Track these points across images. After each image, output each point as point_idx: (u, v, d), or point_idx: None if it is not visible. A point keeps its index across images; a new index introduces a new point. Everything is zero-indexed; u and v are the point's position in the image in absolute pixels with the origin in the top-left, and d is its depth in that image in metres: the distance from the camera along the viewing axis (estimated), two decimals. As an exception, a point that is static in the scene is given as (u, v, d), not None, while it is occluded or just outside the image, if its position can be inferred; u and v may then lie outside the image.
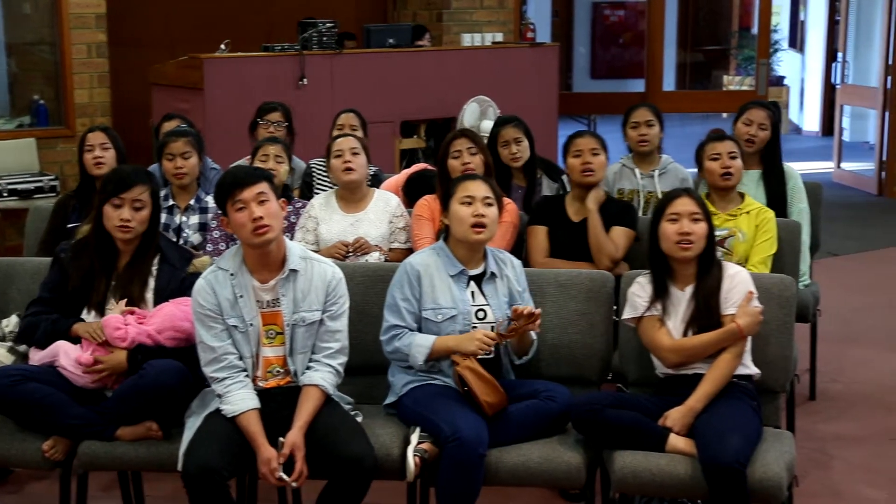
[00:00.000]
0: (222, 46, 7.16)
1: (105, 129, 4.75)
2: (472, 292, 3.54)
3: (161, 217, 3.98)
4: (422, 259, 3.57)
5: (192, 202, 4.54)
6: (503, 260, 3.63)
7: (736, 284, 3.44)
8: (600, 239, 4.21)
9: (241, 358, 3.31)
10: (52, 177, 7.27)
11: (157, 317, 3.46)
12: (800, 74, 15.50)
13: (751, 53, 14.47)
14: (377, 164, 5.28)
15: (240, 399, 3.24)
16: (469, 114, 7.08)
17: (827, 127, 13.89)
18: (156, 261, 3.58)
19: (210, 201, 4.47)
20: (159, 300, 3.52)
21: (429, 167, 5.22)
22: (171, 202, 4.53)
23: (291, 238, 4.29)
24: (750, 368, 3.44)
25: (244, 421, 3.21)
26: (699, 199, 3.52)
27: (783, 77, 15.56)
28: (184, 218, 4.50)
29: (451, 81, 7.76)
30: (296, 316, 3.33)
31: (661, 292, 3.48)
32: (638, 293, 3.51)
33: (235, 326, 3.30)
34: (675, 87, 15.32)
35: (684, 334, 3.43)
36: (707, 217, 3.49)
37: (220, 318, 3.29)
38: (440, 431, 3.24)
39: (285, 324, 3.33)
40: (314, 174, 5.15)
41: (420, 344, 3.44)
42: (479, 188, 3.56)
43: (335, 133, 5.17)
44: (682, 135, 11.15)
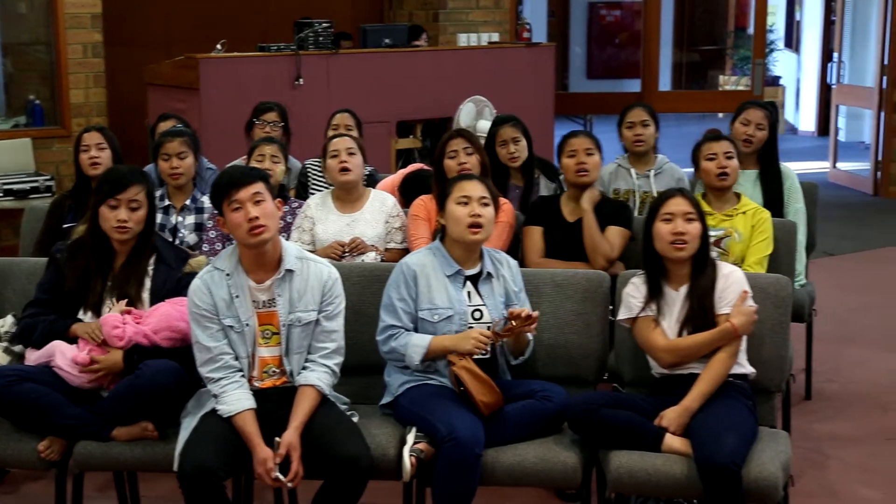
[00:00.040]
0: (218, 46, 7.15)
1: (101, 130, 4.75)
2: (469, 292, 3.54)
3: (157, 217, 3.99)
4: (418, 259, 3.56)
5: (188, 202, 4.53)
6: (499, 260, 3.63)
7: (730, 284, 3.44)
8: (595, 239, 4.21)
9: (237, 358, 3.31)
10: (48, 177, 7.26)
11: (154, 317, 3.46)
12: (795, 74, 15.52)
13: (747, 53, 14.49)
14: (373, 164, 5.28)
15: (236, 399, 3.24)
16: (465, 114, 7.09)
17: (823, 127, 13.91)
18: (152, 261, 3.58)
19: (206, 201, 4.46)
20: (155, 300, 3.52)
21: (425, 167, 5.22)
22: (167, 202, 4.52)
23: (288, 238, 4.29)
24: (745, 367, 3.44)
25: (240, 421, 3.21)
26: (693, 199, 3.52)
27: (779, 77, 15.58)
28: (180, 218, 4.50)
29: (448, 81, 7.76)
30: (292, 316, 3.33)
31: (656, 293, 3.48)
32: (632, 294, 3.51)
33: (231, 326, 3.30)
34: (671, 87, 15.33)
35: (679, 334, 3.43)
36: (701, 217, 3.49)
37: (216, 319, 3.29)
38: (436, 431, 3.24)
39: (281, 324, 3.33)
40: (309, 174, 5.15)
41: (416, 344, 3.44)
42: (476, 188, 3.56)
43: (330, 133, 5.17)
44: (679, 135, 11.13)
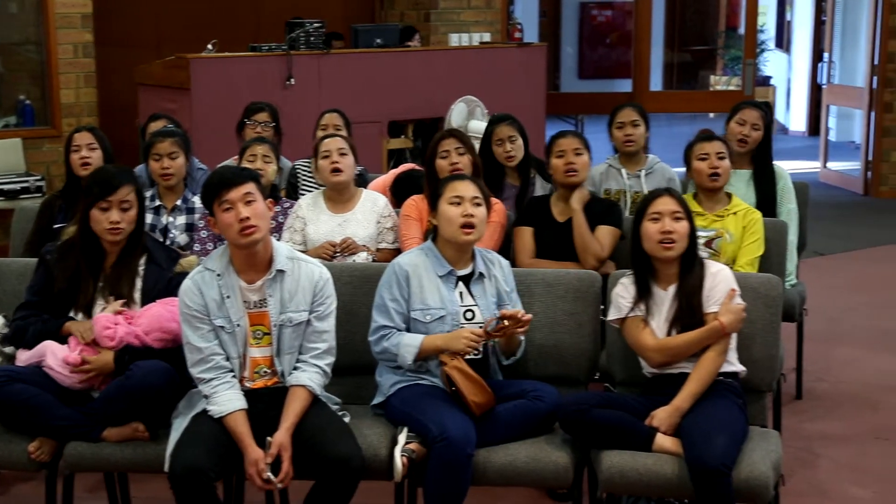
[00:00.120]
0: (209, 46, 7.14)
1: (92, 130, 4.74)
2: (461, 293, 3.54)
3: (147, 217, 3.98)
4: (410, 259, 3.56)
5: (179, 202, 4.52)
6: (491, 260, 3.63)
7: (718, 283, 3.44)
8: (585, 238, 4.21)
9: (228, 358, 3.30)
10: (39, 177, 7.24)
11: (145, 317, 3.45)
12: (786, 74, 15.55)
13: (737, 53, 14.51)
14: (364, 165, 5.27)
15: (227, 400, 3.23)
16: (457, 114, 7.08)
17: (813, 127, 13.94)
18: (142, 261, 3.57)
19: (197, 202, 4.45)
20: (146, 300, 3.51)
21: (416, 167, 5.21)
22: (158, 203, 4.51)
23: (279, 238, 4.29)
24: (735, 366, 3.45)
25: (231, 422, 3.20)
26: (680, 198, 3.52)
27: (770, 77, 15.61)
28: (171, 218, 4.49)
29: (439, 81, 7.76)
30: (283, 316, 3.32)
31: (645, 292, 3.48)
32: (622, 294, 3.52)
33: (222, 327, 3.29)
34: (663, 88, 15.35)
35: (668, 333, 3.44)
36: (688, 216, 3.49)
37: (207, 319, 3.28)
38: (428, 431, 3.24)
39: (272, 324, 3.32)
40: (299, 175, 5.14)
41: (408, 343, 3.44)
42: (468, 188, 3.56)
43: (319, 133, 5.16)
44: (670, 135, 11.16)
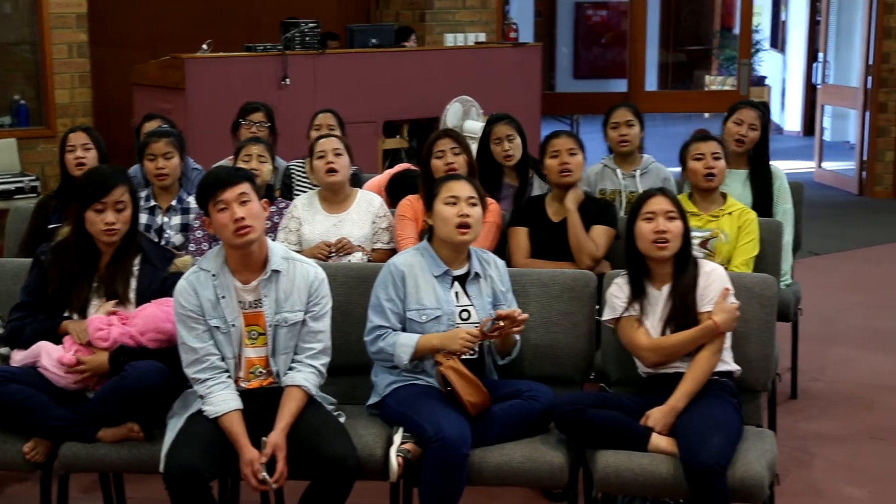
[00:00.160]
0: (204, 46, 7.13)
1: (87, 130, 4.73)
2: (457, 293, 3.54)
3: (142, 217, 3.97)
4: (406, 259, 3.56)
5: (174, 203, 4.52)
6: (487, 260, 3.63)
7: (712, 282, 3.44)
8: (580, 238, 4.22)
9: (224, 359, 3.30)
10: (33, 177, 7.23)
11: (140, 318, 3.45)
12: (781, 74, 15.56)
13: (732, 53, 14.54)
14: (359, 165, 5.27)
15: (222, 400, 3.23)
16: (452, 114, 7.09)
17: (808, 127, 13.95)
18: (137, 261, 3.56)
19: (192, 202, 4.45)
20: (141, 301, 3.50)
21: (412, 167, 5.22)
22: (153, 203, 4.50)
23: (274, 238, 4.28)
24: (730, 365, 3.45)
25: (226, 422, 3.20)
26: (674, 198, 3.53)
27: (764, 77, 15.62)
28: (165, 219, 4.48)
29: (434, 81, 7.76)
30: (278, 317, 3.32)
31: (639, 292, 3.48)
32: (616, 294, 3.52)
33: (217, 327, 3.29)
34: (658, 87, 15.36)
35: (662, 333, 3.44)
36: (682, 215, 3.49)
37: (202, 319, 3.28)
38: (423, 431, 3.24)
39: (267, 324, 3.32)
40: (293, 176, 5.14)
41: (404, 343, 3.44)
42: (464, 188, 3.56)
43: (313, 134, 5.16)
44: (665, 134, 11.17)
